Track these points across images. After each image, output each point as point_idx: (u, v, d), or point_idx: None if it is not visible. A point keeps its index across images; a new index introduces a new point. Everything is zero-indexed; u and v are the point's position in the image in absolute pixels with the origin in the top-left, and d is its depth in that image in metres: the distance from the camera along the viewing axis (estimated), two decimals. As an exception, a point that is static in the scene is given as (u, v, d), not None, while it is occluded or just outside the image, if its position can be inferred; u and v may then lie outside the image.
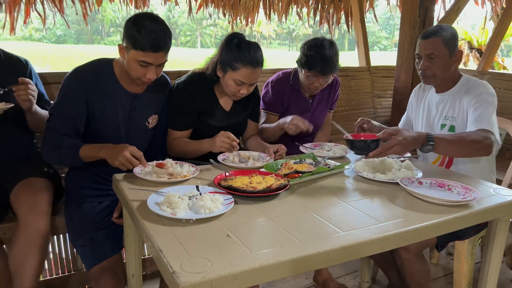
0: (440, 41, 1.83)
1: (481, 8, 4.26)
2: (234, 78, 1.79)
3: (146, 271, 2.28)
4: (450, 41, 1.84)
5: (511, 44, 19.13)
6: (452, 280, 1.93)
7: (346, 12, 3.87)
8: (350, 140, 1.69)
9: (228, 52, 1.79)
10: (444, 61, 1.85)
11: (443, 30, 1.86)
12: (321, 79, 2.09)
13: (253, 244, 1.06)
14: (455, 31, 1.89)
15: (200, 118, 1.92)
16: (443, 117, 1.93)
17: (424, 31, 1.91)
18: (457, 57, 1.87)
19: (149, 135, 1.86)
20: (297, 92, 2.25)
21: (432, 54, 1.84)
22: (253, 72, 1.78)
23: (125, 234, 1.60)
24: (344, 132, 1.75)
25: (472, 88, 1.85)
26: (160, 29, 1.57)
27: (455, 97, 1.90)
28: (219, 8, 3.49)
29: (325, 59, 2.03)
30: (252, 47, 1.79)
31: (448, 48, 1.84)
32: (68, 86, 1.65)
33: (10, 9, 2.83)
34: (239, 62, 1.76)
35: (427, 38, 1.87)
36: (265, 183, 1.42)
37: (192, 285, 0.88)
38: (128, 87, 1.72)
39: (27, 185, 1.71)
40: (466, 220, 1.33)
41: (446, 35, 1.84)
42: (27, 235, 1.60)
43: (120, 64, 1.69)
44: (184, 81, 1.90)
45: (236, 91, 1.82)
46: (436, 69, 1.86)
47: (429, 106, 2.02)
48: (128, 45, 1.58)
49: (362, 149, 1.64)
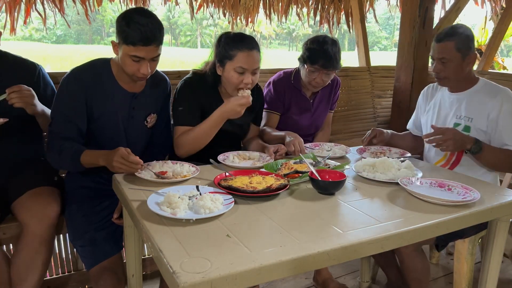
0: (452, 46, 1.82)
1: (481, 8, 4.26)
2: (234, 67, 1.76)
3: (146, 271, 2.28)
4: (464, 44, 1.82)
5: (511, 44, 19.13)
6: (452, 280, 1.92)
7: (346, 12, 3.87)
8: (314, 179, 1.46)
9: (222, 47, 1.80)
10: (456, 65, 1.84)
11: (457, 33, 1.83)
12: (323, 75, 2.10)
13: (253, 244, 1.06)
14: (470, 33, 1.86)
15: (204, 116, 1.89)
16: (457, 116, 1.92)
17: (438, 33, 1.89)
18: (470, 59, 1.85)
19: (148, 134, 1.86)
20: (298, 92, 2.25)
21: (444, 58, 1.84)
22: (250, 55, 1.76)
23: (125, 234, 1.60)
24: (311, 168, 1.52)
25: (499, 94, 1.82)
26: (150, 22, 1.56)
27: (473, 98, 1.88)
28: (219, 8, 3.49)
29: (328, 54, 2.04)
30: (244, 35, 1.82)
31: (461, 52, 1.82)
32: (66, 88, 1.64)
33: (10, 9, 2.83)
34: (233, 49, 1.76)
35: (440, 41, 1.85)
36: (265, 183, 1.42)
37: (192, 285, 0.88)
38: (126, 86, 1.71)
39: (36, 195, 1.68)
40: (466, 220, 1.33)
41: (460, 38, 1.82)
42: (31, 246, 1.60)
43: (117, 63, 1.68)
44: (188, 79, 1.90)
45: (239, 82, 1.78)
46: (449, 72, 1.86)
47: (440, 105, 2.02)
48: (119, 40, 1.58)
49: (326, 189, 1.45)
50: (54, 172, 1.91)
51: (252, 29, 4.17)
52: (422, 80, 3.26)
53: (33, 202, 1.65)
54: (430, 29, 3.19)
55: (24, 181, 1.73)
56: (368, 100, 3.59)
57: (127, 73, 1.63)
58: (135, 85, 1.73)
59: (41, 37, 47.16)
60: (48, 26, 3.55)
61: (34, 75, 1.82)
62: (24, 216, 1.62)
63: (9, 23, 2.90)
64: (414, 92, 3.25)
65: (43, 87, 1.83)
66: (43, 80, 1.85)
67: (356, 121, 3.50)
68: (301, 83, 2.23)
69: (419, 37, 3.14)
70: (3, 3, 2.80)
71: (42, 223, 1.61)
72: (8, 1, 2.79)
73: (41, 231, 1.61)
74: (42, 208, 1.63)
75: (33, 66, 1.85)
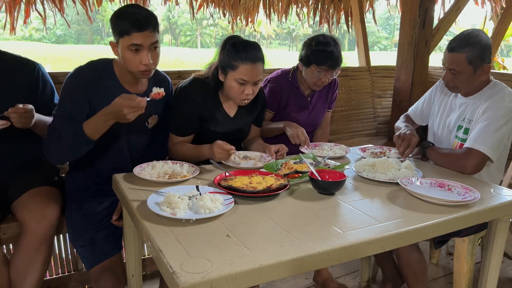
0: (463, 58, 1.73)
1: (481, 8, 4.27)
2: (235, 78, 1.73)
3: (146, 271, 2.28)
4: (477, 56, 1.72)
5: (511, 44, 19.12)
6: (452, 280, 1.93)
7: (346, 12, 3.87)
8: (314, 179, 1.46)
9: (226, 54, 1.76)
10: (467, 77, 1.77)
11: (470, 43, 1.72)
12: (328, 74, 2.11)
13: (253, 244, 1.06)
14: (485, 42, 1.74)
15: (202, 124, 1.89)
16: (462, 118, 1.89)
17: (451, 40, 1.79)
18: (484, 71, 1.77)
19: (149, 135, 1.86)
20: (296, 90, 2.25)
21: (454, 70, 1.77)
22: (253, 68, 1.72)
23: (125, 234, 1.60)
24: (311, 168, 1.53)
25: (493, 96, 1.78)
26: (141, 10, 1.57)
27: (477, 101, 1.84)
28: (219, 8, 3.49)
29: (334, 54, 2.06)
30: (249, 45, 1.76)
31: (473, 65, 1.73)
32: (69, 87, 1.64)
33: (10, 9, 2.83)
34: (237, 60, 1.72)
35: (452, 51, 1.76)
36: (265, 183, 1.42)
37: (192, 285, 0.88)
38: (129, 87, 1.71)
39: (37, 195, 1.68)
40: (466, 220, 1.33)
41: (472, 50, 1.72)
42: (31, 245, 1.60)
43: (119, 63, 1.68)
44: (186, 86, 1.87)
45: (240, 92, 1.76)
46: (459, 83, 1.80)
47: (452, 105, 1.97)
48: (116, 37, 1.58)
49: (326, 189, 1.45)
50: (54, 172, 1.91)
51: (252, 29, 4.16)
52: (422, 80, 3.27)
53: (33, 202, 1.65)
54: (430, 29, 3.19)
55: (24, 181, 1.73)
56: (368, 100, 3.59)
57: (130, 69, 1.61)
58: (137, 86, 1.72)
59: (41, 37, 47.15)
60: (48, 26, 3.55)
61: (33, 74, 1.82)
62: (24, 216, 1.62)
63: (9, 23, 2.91)
64: (414, 92, 3.25)
65: (42, 86, 1.83)
66: (42, 79, 1.85)
67: (356, 121, 3.50)
68: (298, 81, 2.24)
69: (419, 37, 3.14)
70: (3, 3, 2.80)
71: (42, 223, 1.61)
72: (8, 1, 2.79)
73: (41, 231, 1.60)
74: (42, 208, 1.63)
75: (32, 65, 1.84)
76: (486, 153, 1.68)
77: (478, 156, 1.68)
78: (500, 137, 1.71)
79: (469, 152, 1.69)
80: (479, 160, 1.67)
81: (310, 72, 2.13)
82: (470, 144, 1.71)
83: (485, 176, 1.83)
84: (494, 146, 1.69)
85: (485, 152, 1.68)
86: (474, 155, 1.68)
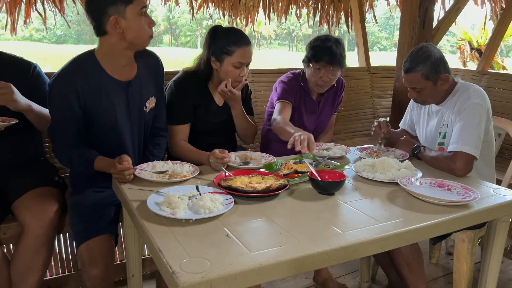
0: (419, 76, 1.82)
1: (481, 8, 4.26)
2: (232, 62, 1.86)
3: (146, 271, 2.29)
4: (431, 71, 1.81)
5: (511, 44, 19.15)
6: (452, 280, 1.93)
7: (346, 12, 3.87)
8: (313, 179, 1.46)
9: (218, 42, 1.88)
10: (430, 91, 1.86)
11: (421, 62, 1.81)
12: (329, 72, 2.09)
13: (252, 244, 1.06)
14: (436, 56, 1.82)
15: (196, 113, 1.97)
16: (441, 125, 1.94)
17: (404, 61, 1.88)
18: (444, 80, 1.84)
19: (149, 119, 1.83)
20: (306, 94, 2.25)
21: (415, 88, 1.87)
22: (247, 50, 1.89)
23: (125, 234, 1.61)
24: (311, 168, 1.53)
25: (460, 97, 1.85)
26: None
27: (449, 105, 1.90)
28: (219, 8, 3.49)
29: (332, 50, 2.06)
30: (238, 31, 1.94)
31: (431, 79, 1.82)
32: (56, 93, 1.60)
33: (10, 9, 2.83)
34: (232, 45, 1.85)
35: (407, 73, 1.86)
36: (265, 183, 1.43)
37: (191, 285, 0.88)
38: (117, 76, 1.67)
39: (37, 195, 1.68)
40: (465, 220, 1.33)
41: (425, 67, 1.80)
42: (32, 246, 1.60)
43: (102, 52, 1.64)
44: (179, 79, 1.97)
45: (237, 75, 1.88)
46: (425, 97, 1.91)
47: (430, 113, 2.04)
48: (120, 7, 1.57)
49: (325, 189, 1.46)
50: (54, 172, 1.91)
51: (252, 29, 4.17)
52: (422, 80, 3.26)
53: (33, 202, 1.65)
54: (430, 29, 3.18)
55: (25, 181, 1.73)
56: (368, 100, 3.59)
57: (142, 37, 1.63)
58: (126, 73, 1.69)
59: (41, 37, 47.13)
60: (48, 26, 3.54)
61: (29, 73, 1.81)
62: (25, 216, 1.62)
63: (9, 23, 2.91)
64: (414, 92, 3.25)
65: (38, 85, 1.82)
66: (39, 79, 1.84)
67: (356, 121, 3.50)
68: (308, 85, 2.23)
69: (419, 37, 3.13)
70: (3, 3, 2.80)
71: (42, 223, 1.61)
72: (8, 1, 2.79)
73: (41, 231, 1.60)
74: (42, 208, 1.63)
75: (28, 65, 1.83)
76: (471, 153, 1.70)
77: (465, 157, 1.70)
78: (478, 134, 1.75)
79: (455, 155, 1.72)
80: (466, 161, 1.70)
81: (310, 72, 2.13)
82: (453, 148, 1.74)
83: (473, 173, 1.84)
84: (477, 144, 1.73)
85: (470, 152, 1.70)
86: (459, 157, 1.70)
